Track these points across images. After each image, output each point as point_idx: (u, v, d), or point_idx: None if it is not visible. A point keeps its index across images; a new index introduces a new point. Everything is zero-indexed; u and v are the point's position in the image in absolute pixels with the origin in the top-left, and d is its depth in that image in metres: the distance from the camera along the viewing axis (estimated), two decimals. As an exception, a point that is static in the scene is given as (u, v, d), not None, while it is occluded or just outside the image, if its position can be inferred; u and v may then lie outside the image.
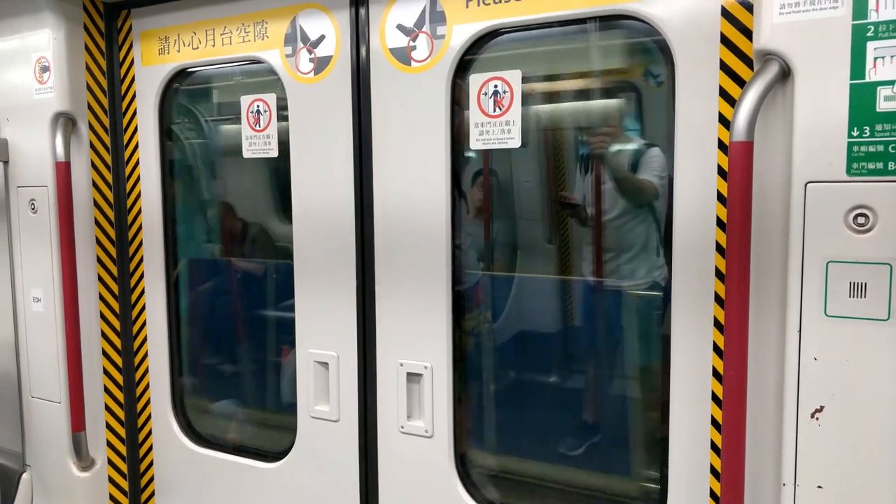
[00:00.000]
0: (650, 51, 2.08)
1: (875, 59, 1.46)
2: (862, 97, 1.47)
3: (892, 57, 1.44)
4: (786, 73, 1.54)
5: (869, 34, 1.46)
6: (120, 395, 2.86)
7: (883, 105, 1.45)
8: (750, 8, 1.72)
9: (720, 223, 1.78)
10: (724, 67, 1.78)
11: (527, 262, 3.06)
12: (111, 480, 2.87)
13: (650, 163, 2.51)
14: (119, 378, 2.85)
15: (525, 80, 2.11)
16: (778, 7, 1.54)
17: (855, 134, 1.46)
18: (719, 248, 1.78)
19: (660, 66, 2.09)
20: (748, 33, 1.73)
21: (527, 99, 2.15)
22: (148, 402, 2.87)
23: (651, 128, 2.58)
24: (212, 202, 3.28)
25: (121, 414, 2.87)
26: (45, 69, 2.64)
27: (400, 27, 2.25)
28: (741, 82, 1.75)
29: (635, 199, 2.65)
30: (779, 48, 1.54)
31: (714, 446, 1.84)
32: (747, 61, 1.74)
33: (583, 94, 2.72)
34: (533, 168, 3.03)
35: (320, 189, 2.40)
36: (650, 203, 2.64)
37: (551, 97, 2.74)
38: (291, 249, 2.50)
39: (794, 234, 1.52)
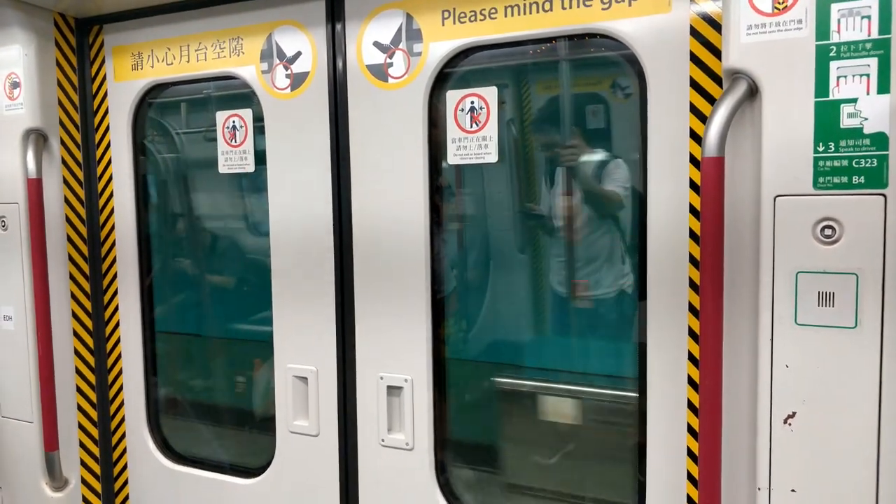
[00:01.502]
0: (620, 64, 2.13)
1: (838, 77, 1.53)
2: (826, 114, 1.53)
3: (853, 76, 1.51)
4: (754, 91, 1.60)
5: (832, 54, 1.53)
6: (93, 413, 2.82)
7: (846, 122, 1.52)
8: (718, 27, 1.78)
9: (693, 235, 1.83)
10: (695, 85, 1.84)
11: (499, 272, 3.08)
12: (85, 500, 2.82)
13: (613, 174, 2.57)
14: (92, 396, 2.81)
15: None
16: (745, 28, 1.60)
17: (820, 149, 1.53)
18: (693, 260, 1.83)
19: (628, 78, 2.15)
20: (717, 52, 1.79)
21: (500, 112, 2.19)
22: (122, 419, 2.84)
23: (619, 140, 2.64)
24: (187, 217, 3.25)
25: (94, 432, 2.82)
26: (15, 85, 2.61)
27: (377, 44, 2.27)
28: (711, 99, 1.81)
29: (601, 209, 2.70)
30: (746, 67, 1.60)
31: (691, 453, 1.88)
32: (716, 79, 1.81)
33: (553, 107, 2.77)
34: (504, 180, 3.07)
35: (298, 204, 2.41)
36: (614, 213, 2.70)
37: (523, 110, 2.79)
38: (268, 263, 2.50)
39: (764, 246, 1.58)
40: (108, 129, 2.75)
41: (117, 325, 2.80)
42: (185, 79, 2.62)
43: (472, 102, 2.19)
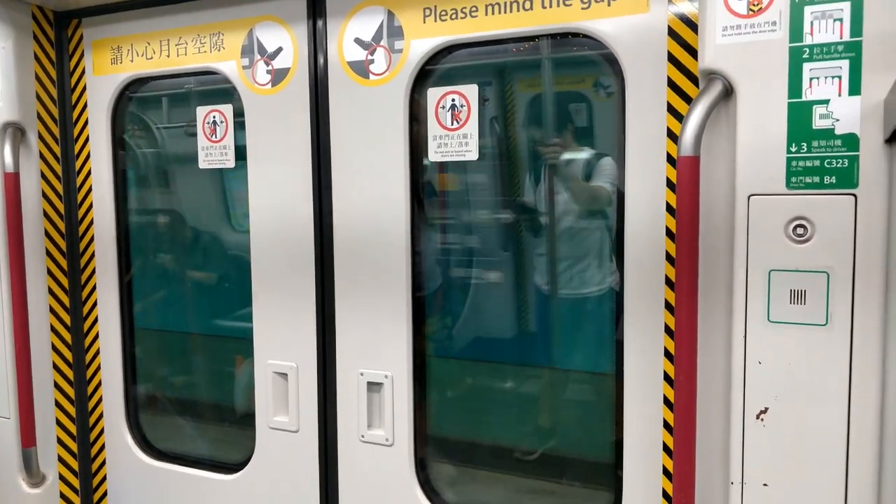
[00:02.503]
0: (602, 63, 2.15)
1: (811, 79, 1.55)
2: (799, 115, 1.56)
3: (825, 78, 1.54)
4: (729, 92, 1.62)
5: (805, 56, 1.55)
6: (71, 409, 2.80)
7: (818, 123, 1.54)
8: (695, 28, 1.80)
9: (669, 234, 1.85)
10: (672, 84, 1.86)
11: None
12: (63, 496, 2.80)
13: (602, 170, 2.59)
14: (70, 392, 2.79)
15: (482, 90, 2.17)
16: (720, 29, 1.62)
17: (793, 150, 1.55)
18: (669, 258, 1.86)
19: (610, 77, 2.17)
20: (694, 52, 1.81)
21: (483, 108, 2.20)
22: (101, 415, 2.82)
23: (602, 137, 2.67)
24: (167, 213, 3.24)
25: (72, 428, 2.80)
26: (-9, 78, 2.58)
27: (358, 41, 2.27)
28: (688, 99, 1.83)
29: (588, 205, 2.72)
30: (722, 68, 1.62)
31: (666, 448, 1.91)
32: (693, 79, 1.83)
33: (536, 105, 2.79)
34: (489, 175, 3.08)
35: (278, 199, 2.41)
36: (603, 209, 2.72)
37: (506, 108, 2.81)
38: (248, 259, 2.49)
39: (738, 244, 1.60)
40: (86, 123, 2.73)
41: (95, 320, 2.78)
42: (165, 73, 2.61)
43: (453, 100, 2.20)
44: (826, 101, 1.54)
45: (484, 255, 2.87)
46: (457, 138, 2.20)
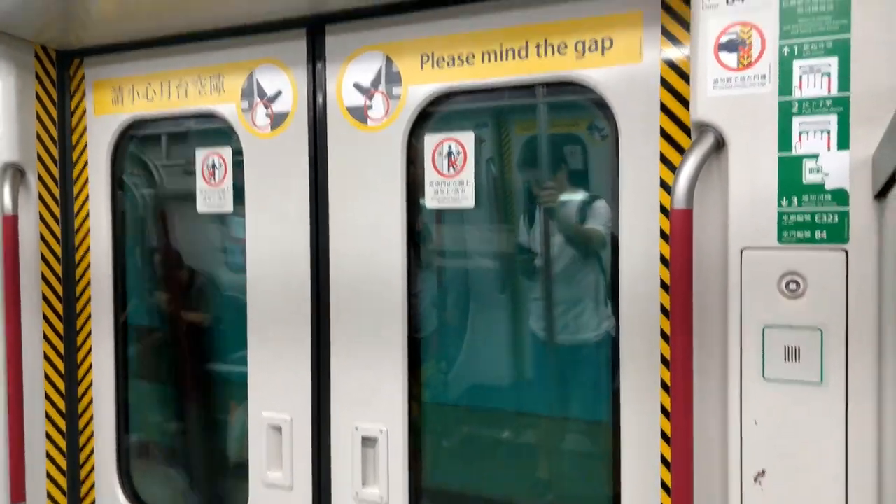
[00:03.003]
0: (596, 107, 2.16)
1: (800, 133, 1.56)
2: (789, 169, 1.56)
3: (814, 132, 1.54)
4: (721, 144, 1.63)
5: (794, 110, 1.56)
6: (62, 462, 2.75)
7: (808, 177, 1.55)
8: (687, 79, 1.82)
9: (664, 286, 1.85)
10: (665, 135, 1.87)
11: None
12: (51, 549, 2.75)
13: (597, 213, 2.58)
14: (62, 443, 2.74)
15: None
16: (711, 81, 1.63)
17: (784, 204, 1.55)
18: (664, 310, 1.85)
19: (605, 121, 2.18)
20: (686, 103, 1.82)
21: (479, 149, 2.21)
22: (92, 469, 2.77)
23: (597, 180, 2.66)
24: (164, 254, 3.23)
25: (63, 482, 2.76)
26: (-7, 118, 2.61)
27: (357, 86, 2.30)
28: (681, 149, 1.84)
29: (583, 248, 2.71)
30: (713, 120, 1.63)
31: (663, 506, 1.88)
32: (686, 129, 1.84)
33: (531, 147, 2.79)
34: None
35: (275, 245, 2.41)
36: (598, 253, 2.70)
37: (501, 149, 2.81)
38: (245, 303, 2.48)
39: (732, 299, 1.59)
40: (86, 164, 2.74)
41: (90, 367, 2.76)
42: (165, 115, 2.63)
43: (450, 147, 2.22)
44: (815, 156, 1.54)
45: (480, 299, 2.86)
46: (453, 185, 2.21)
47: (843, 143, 1.52)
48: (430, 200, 2.24)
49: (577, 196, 2.64)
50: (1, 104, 2.57)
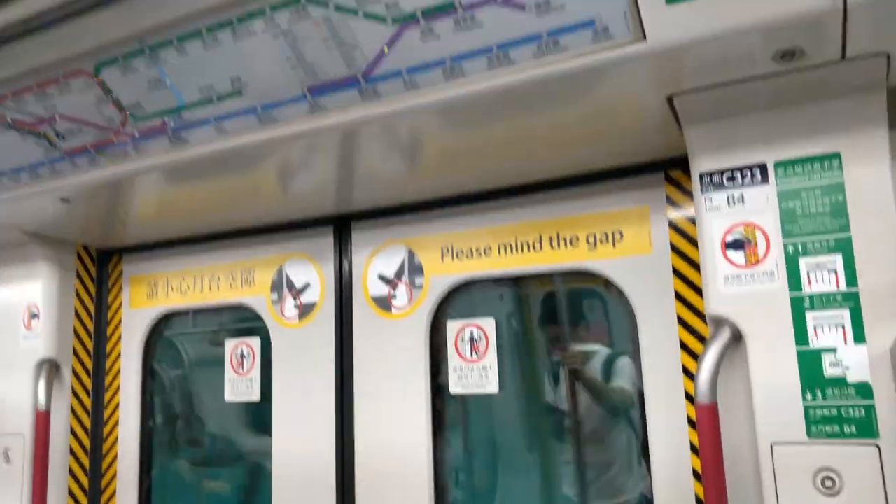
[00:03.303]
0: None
1: (815, 327, 1.60)
2: (809, 363, 1.58)
3: (829, 326, 1.59)
4: (738, 337, 1.67)
5: (806, 305, 1.62)
6: None
7: (829, 371, 1.57)
8: (699, 268, 1.90)
9: (696, 475, 1.82)
10: (682, 322, 1.93)
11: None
12: None
13: (622, 371, 2.58)
14: None
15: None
16: (722, 278, 1.70)
17: (809, 398, 1.57)
18: (699, 501, 1.81)
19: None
20: (700, 291, 1.89)
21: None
22: None
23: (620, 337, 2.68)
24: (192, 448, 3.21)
25: None
26: (34, 316, 2.72)
27: (381, 277, 2.41)
28: (700, 337, 1.89)
29: (612, 407, 2.68)
30: (727, 315, 1.68)
31: None
32: (703, 317, 1.90)
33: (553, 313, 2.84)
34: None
35: (301, 436, 2.42)
36: (627, 411, 2.67)
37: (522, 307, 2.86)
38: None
39: (767, 495, 1.57)
40: (119, 356, 2.83)
41: None
42: (197, 307, 2.74)
43: (472, 332, 2.28)
44: (833, 349, 1.57)
45: (510, 468, 2.79)
46: (477, 370, 2.25)
47: (859, 336, 1.55)
48: (455, 386, 2.28)
49: (600, 353, 2.62)
50: (43, 304, 2.70)
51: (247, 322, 2.70)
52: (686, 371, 1.90)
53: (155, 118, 1.79)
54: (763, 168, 1.63)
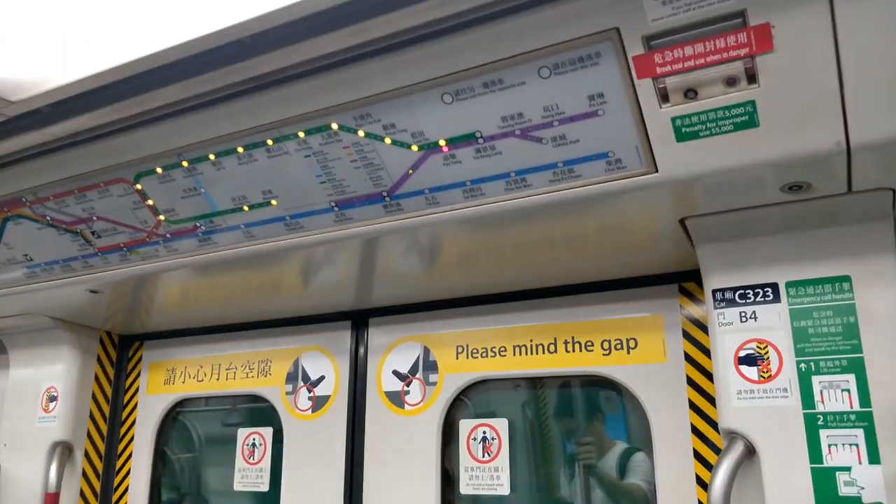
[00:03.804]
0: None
1: (829, 445, 1.60)
2: (824, 481, 1.58)
3: (843, 445, 1.59)
4: (752, 451, 1.67)
5: (819, 423, 1.62)
6: None
7: (844, 490, 1.56)
8: (712, 378, 1.91)
9: None
10: (696, 432, 1.93)
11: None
12: None
13: (637, 467, 2.54)
14: None
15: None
16: (735, 393, 1.72)
17: (824, 518, 1.56)
18: None
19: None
20: (714, 401, 1.90)
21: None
22: None
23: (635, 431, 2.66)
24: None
25: None
26: (52, 398, 2.76)
27: (396, 373, 2.44)
28: (713, 447, 1.89)
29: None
30: (741, 429, 1.68)
31: None
32: (716, 426, 1.90)
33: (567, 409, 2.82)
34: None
35: None
36: None
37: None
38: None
39: None
40: (131, 439, 2.84)
41: None
42: (212, 395, 2.77)
43: (485, 432, 2.28)
44: (848, 469, 1.57)
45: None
46: (488, 471, 2.24)
47: (874, 457, 1.55)
48: (465, 486, 2.26)
49: (615, 448, 2.58)
50: (63, 387, 2.74)
51: (260, 412, 2.72)
52: (700, 480, 1.89)
53: (187, 222, 1.88)
54: (775, 287, 1.67)
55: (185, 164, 1.74)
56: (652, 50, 1.29)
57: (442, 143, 1.50)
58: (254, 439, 2.65)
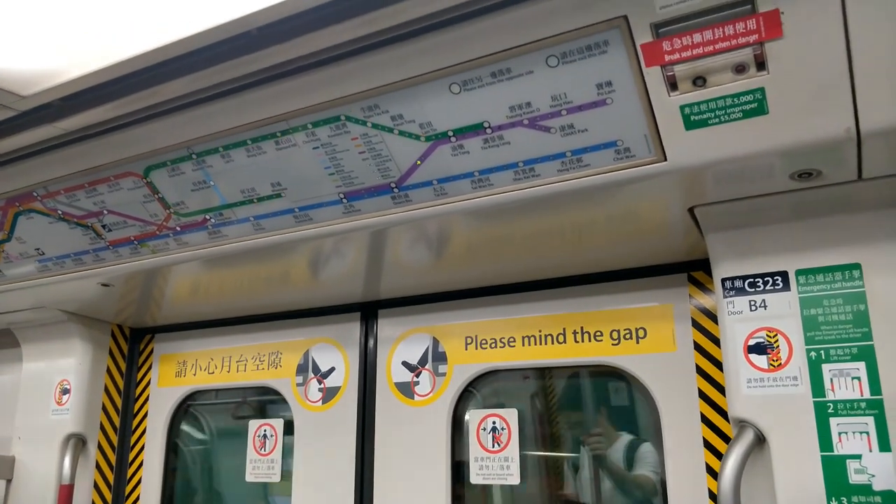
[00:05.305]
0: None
1: (839, 433, 1.60)
2: (834, 469, 1.58)
3: (853, 433, 1.59)
4: (762, 439, 1.67)
5: (829, 411, 1.62)
6: None
7: (854, 478, 1.56)
8: (722, 368, 1.91)
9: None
10: (706, 421, 1.93)
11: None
12: None
13: (646, 457, 2.55)
14: None
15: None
16: (745, 381, 1.72)
17: (834, 505, 1.56)
18: None
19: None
20: (724, 390, 1.90)
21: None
22: None
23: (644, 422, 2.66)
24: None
25: None
26: (65, 391, 2.78)
27: (405, 364, 2.45)
28: (723, 435, 1.89)
29: (634, 495, 2.64)
30: (750, 417, 1.68)
31: None
32: (727, 415, 1.90)
33: (576, 400, 2.83)
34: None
35: None
36: (649, 499, 2.63)
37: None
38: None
39: None
40: (144, 432, 2.87)
41: None
42: (223, 387, 2.79)
43: (494, 423, 2.29)
44: (858, 456, 1.57)
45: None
46: (498, 461, 2.25)
47: (885, 445, 1.55)
48: (475, 476, 2.27)
49: (623, 439, 2.59)
50: (75, 380, 2.77)
51: (270, 403, 2.74)
52: (710, 469, 1.90)
53: (197, 215, 1.89)
54: (784, 275, 1.67)
55: (194, 156, 1.75)
56: (660, 37, 1.28)
57: (450, 133, 1.50)
58: (265, 430, 2.67)
